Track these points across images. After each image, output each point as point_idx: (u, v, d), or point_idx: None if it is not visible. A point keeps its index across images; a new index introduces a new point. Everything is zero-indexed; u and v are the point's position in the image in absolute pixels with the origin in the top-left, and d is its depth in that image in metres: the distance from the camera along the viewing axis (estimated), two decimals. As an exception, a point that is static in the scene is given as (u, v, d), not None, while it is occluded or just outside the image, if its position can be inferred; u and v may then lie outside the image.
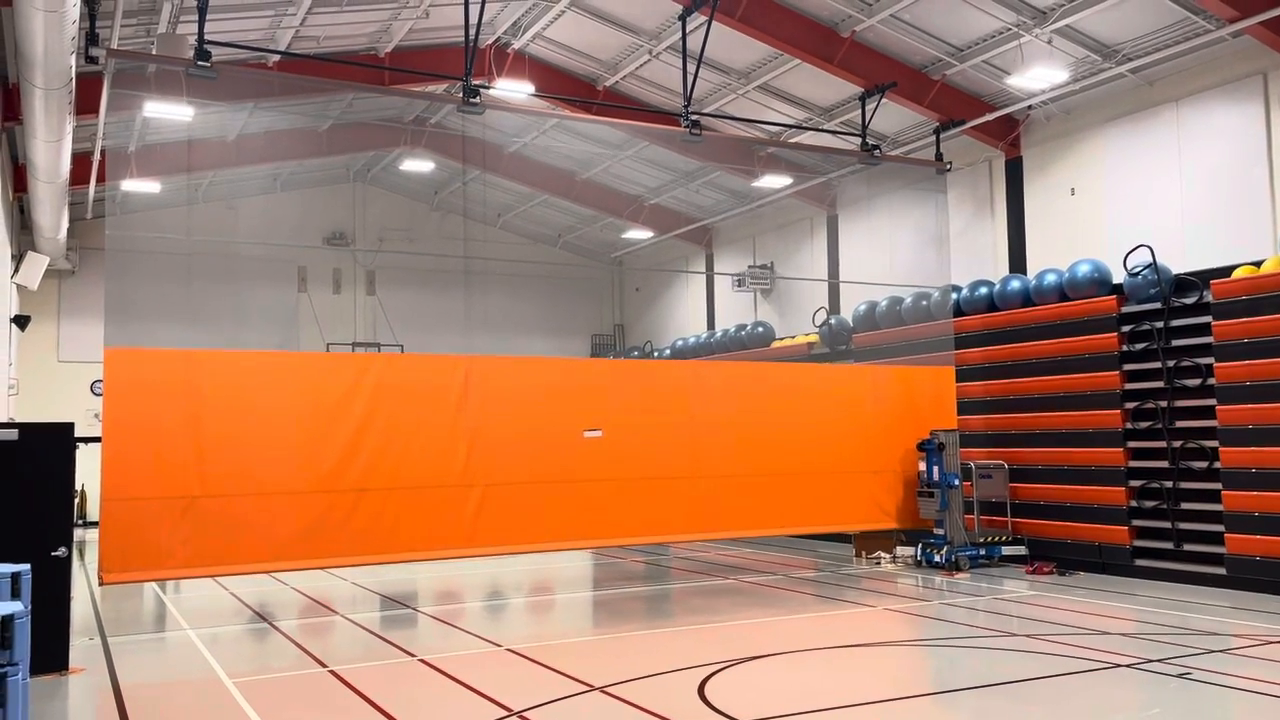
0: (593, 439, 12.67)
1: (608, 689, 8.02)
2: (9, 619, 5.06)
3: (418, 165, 24.56)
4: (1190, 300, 13.32)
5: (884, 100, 16.44)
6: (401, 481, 11.51)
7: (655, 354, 26.59)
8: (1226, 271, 13.08)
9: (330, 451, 11.24)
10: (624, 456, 12.86)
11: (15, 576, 6.86)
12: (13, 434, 8.96)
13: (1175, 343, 13.42)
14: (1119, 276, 14.40)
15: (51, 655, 8.72)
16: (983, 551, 14.75)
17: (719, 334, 24.11)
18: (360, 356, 16.11)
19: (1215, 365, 12.77)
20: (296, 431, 11.12)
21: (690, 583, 14.34)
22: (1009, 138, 18.10)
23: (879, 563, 15.58)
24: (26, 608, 6.45)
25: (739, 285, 24.98)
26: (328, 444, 11.24)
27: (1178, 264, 14.22)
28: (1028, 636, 9.87)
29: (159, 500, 10.33)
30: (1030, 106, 17.34)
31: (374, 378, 11.70)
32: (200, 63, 11.60)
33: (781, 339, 22.48)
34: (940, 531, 14.81)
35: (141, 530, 10.22)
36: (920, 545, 15.05)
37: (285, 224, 26.82)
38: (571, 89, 19.74)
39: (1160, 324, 13.57)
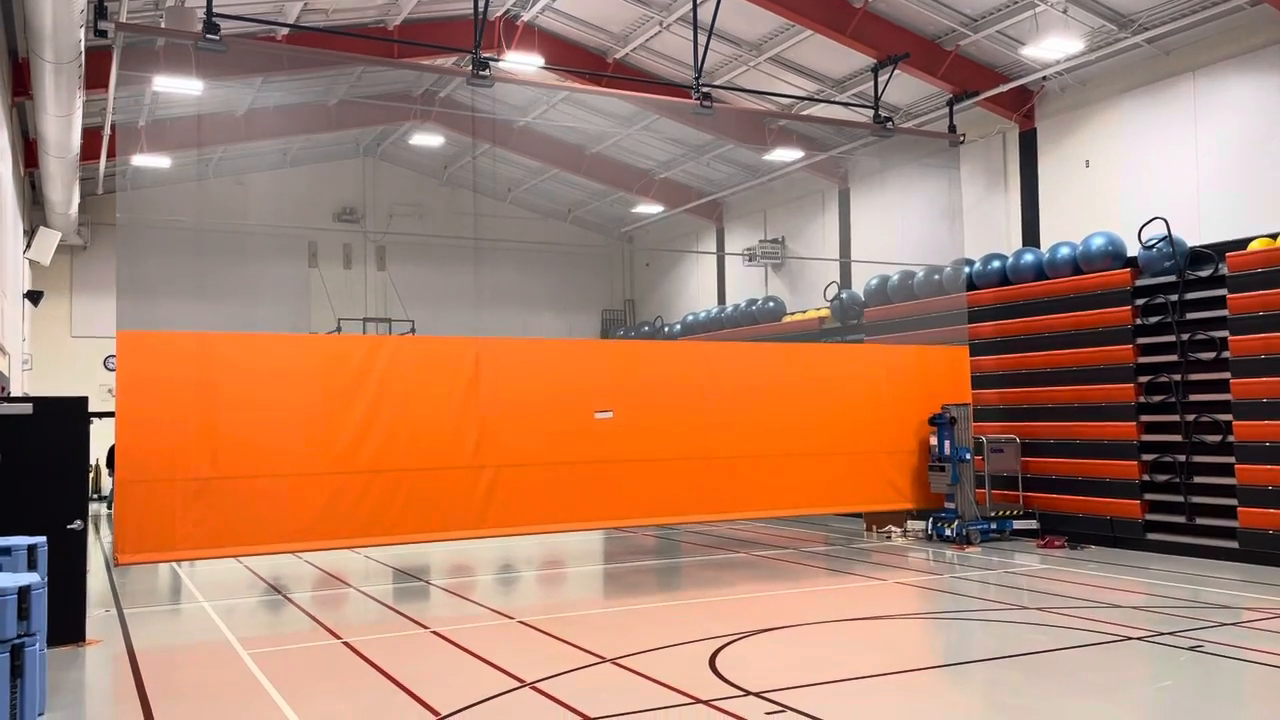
0: (604, 420, 12.67)
1: (619, 660, 8.07)
2: (26, 590, 5.11)
3: (427, 140, 24.48)
4: (1205, 273, 13.22)
5: (897, 71, 16.29)
6: (413, 463, 11.54)
7: (666, 329, 26.57)
8: (1242, 244, 12.98)
9: (342, 434, 11.28)
10: (636, 438, 12.85)
11: (32, 549, 6.93)
12: (27, 408, 9.02)
13: (1190, 316, 13.34)
14: (1133, 249, 14.30)
15: (68, 627, 8.81)
16: (994, 525, 14.74)
17: (730, 309, 24.06)
18: (371, 339, 16.13)
19: (1230, 338, 12.69)
20: (308, 414, 11.16)
21: (701, 556, 14.39)
22: (1023, 109, 17.92)
23: (890, 537, 15.60)
24: (43, 579, 6.51)
25: (750, 260, 24.90)
26: (339, 426, 11.28)
27: (1193, 236, 14.10)
28: (1039, 609, 9.88)
29: (172, 482, 10.39)
30: (1045, 77, 17.15)
31: (385, 360, 11.71)
32: (209, 36, 11.56)
33: (793, 314, 22.42)
34: (951, 505, 14.82)
35: (156, 512, 10.30)
36: (931, 519, 15.06)
37: (295, 199, 26.77)
38: (581, 61, 19.61)
39: (1175, 297, 13.48)
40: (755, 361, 14.29)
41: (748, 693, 7.04)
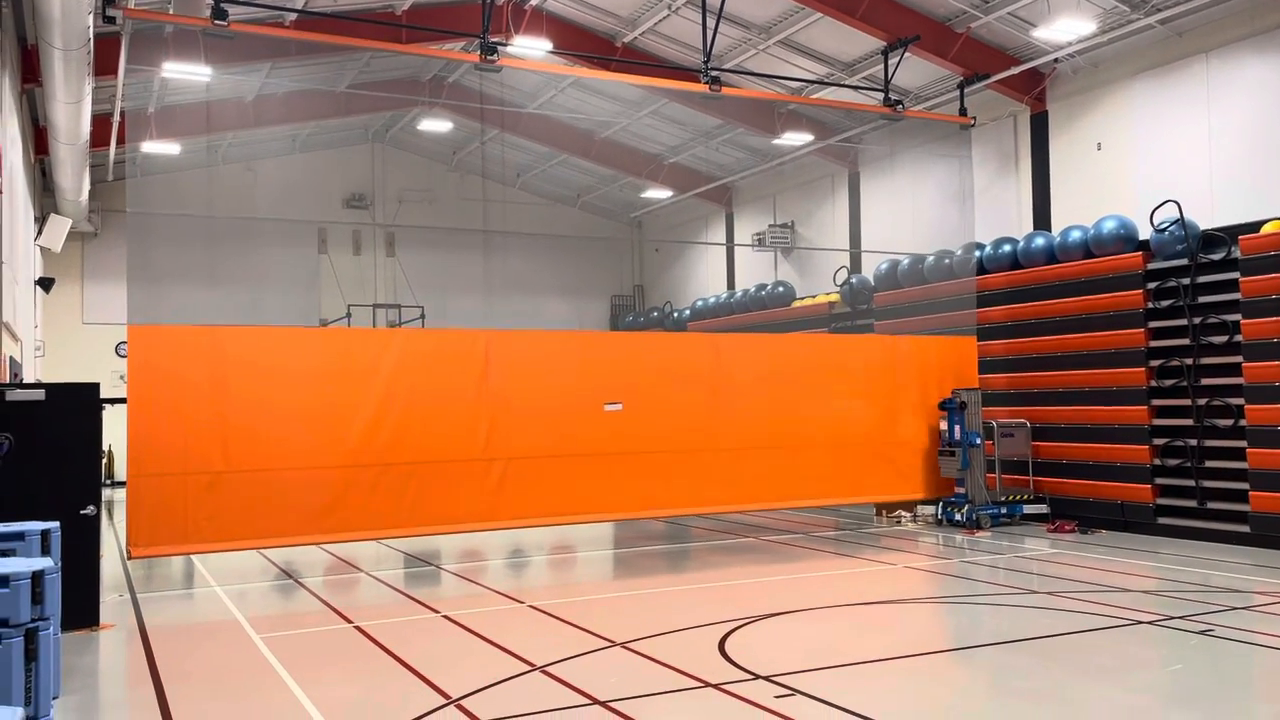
0: (614, 412, 12.69)
1: (629, 644, 8.10)
2: (40, 574, 5.15)
3: (436, 125, 24.46)
4: (1218, 256, 13.14)
5: (907, 54, 16.19)
6: (424, 456, 11.58)
7: (675, 315, 26.53)
8: (1255, 227, 12.88)
9: (353, 427, 11.32)
10: (645, 429, 12.87)
11: (45, 534, 6.99)
12: (40, 394, 9.07)
13: (1202, 299, 13.27)
14: (1145, 233, 14.22)
15: (82, 611, 8.88)
16: (1004, 510, 14.72)
17: (739, 294, 24.02)
18: (382, 332, 16.16)
19: (1242, 322, 12.62)
20: (319, 407, 11.20)
21: (711, 541, 14.41)
22: (1034, 92, 17.80)
23: (900, 521, 15.60)
24: (56, 564, 6.56)
25: (759, 245, 24.85)
26: (350, 419, 11.32)
27: (1205, 220, 14.01)
28: (1049, 594, 9.87)
29: (184, 476, 10.46)
30: (1056, 59, 17.03)
31: (395, 353, 11.74)
32: (217, 22, 11.56)
33: (802, 299, 22.36)
34: (961, 490, 14.80)
35: (168, 505, 10.37)
36: (941, 504, 15.05)
37: (304, 186, 26.80)
38: (589, 46, 19.53)
39: (1187, 280, 13.40)
40: (765, 352, 14.28)
41: (757, 676, 7.06)
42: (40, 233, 20.49)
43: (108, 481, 22.65)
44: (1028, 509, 14.79)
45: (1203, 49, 15.32)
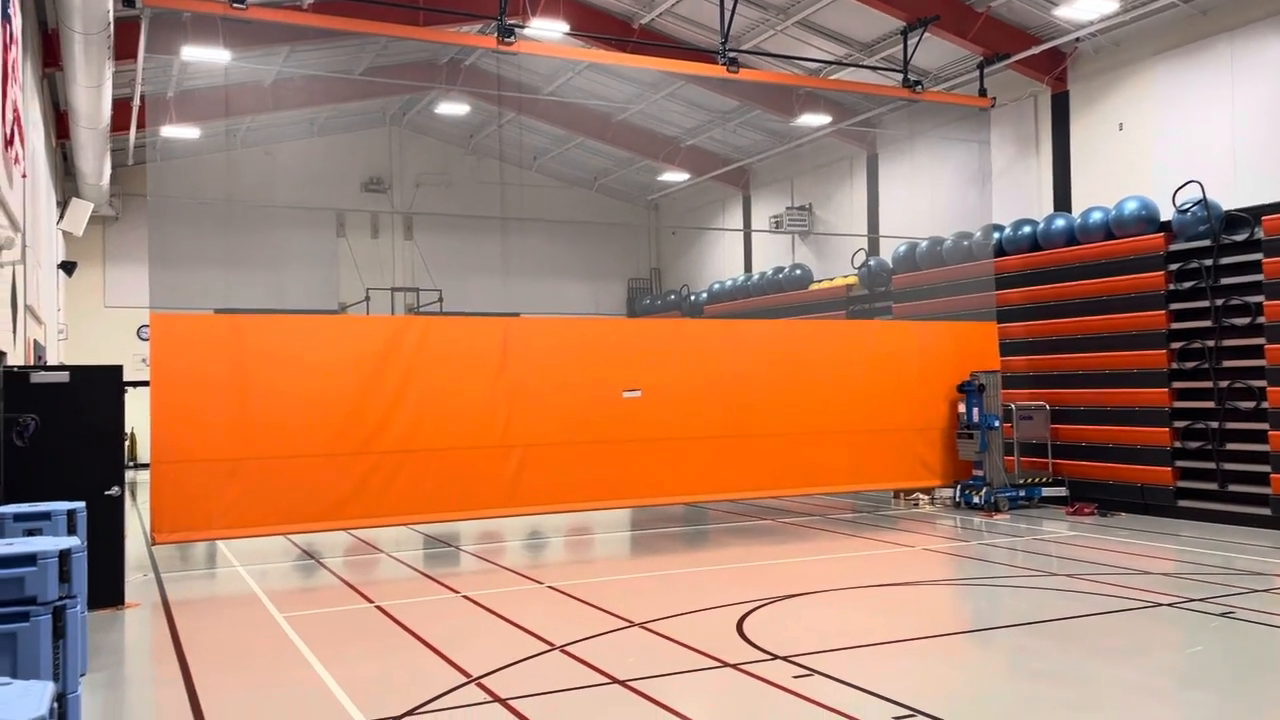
0: (632, 399, 12.72)
1: (648, 625, 8.14)
2: (66, 553, 5.21)
3: (453, 108, 24.46)
4: (1240, 237, 13.02)
5: (926, 34, 16.05)
6: (443, 443, 11.65)
7: (692, 298, 26.50)
8: (1279, 207, 12.75)
9: (372, 414, 11.40)
10: (663, 416, 12.89)
11: (71, 513, 7.08)
12: (64, 377, 9.17)
13: (1224, 281, 13.15)
14: (1167, 213, 14.10)
15: (108, 590, 9.01)
16: (1022, 493, 14.68)
17: (756, 277, 23.96)
18: (401, 320, 16.20)
19: (1265, 303, 12.51)
20: (339, 394, 11.28)
21: (729, 523, 14.45)
22: (1055, 72, 17.63)
23: (917, 504, 15.58)
24: (83, 543, 6.65)
25: (777, 228, 24.76)
26: (370, 406, 11.40)
27: (1228, 200, 13.87)
28: (1068, 576, 9.85)
29: (206, 463, 10.56)
30: (1078, 39, 16.85)
31: (414, 340, 11.80)
32: (235, 5, 11.59)
33: (820, 281, 22.29)
34: (979, 473, 14.77)
35: (190, 492, 10.48)
36: (959, 486, 15.02)
37: (323, 169, 26.87)
38: (606, 27, 19.46)
39: (1209, 262, 13.29)
40: (784, 339, 14.26)
41: (775, 656, 7.09)
42: (62, 217, 20.61)
43: (131, 463, 22.87)
44: (1046, 492, 14.75)
45: (1226, 28, 15.13)
